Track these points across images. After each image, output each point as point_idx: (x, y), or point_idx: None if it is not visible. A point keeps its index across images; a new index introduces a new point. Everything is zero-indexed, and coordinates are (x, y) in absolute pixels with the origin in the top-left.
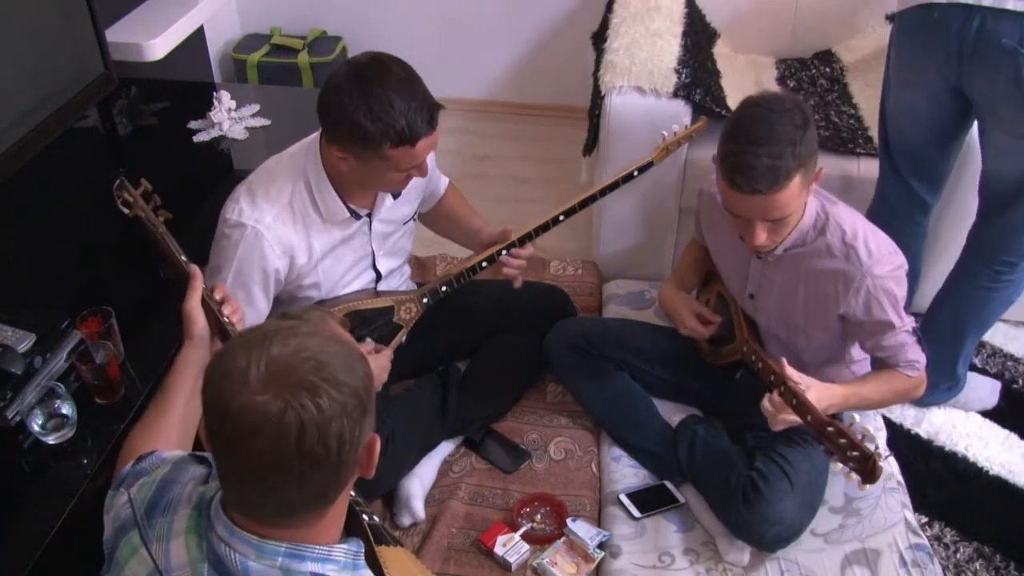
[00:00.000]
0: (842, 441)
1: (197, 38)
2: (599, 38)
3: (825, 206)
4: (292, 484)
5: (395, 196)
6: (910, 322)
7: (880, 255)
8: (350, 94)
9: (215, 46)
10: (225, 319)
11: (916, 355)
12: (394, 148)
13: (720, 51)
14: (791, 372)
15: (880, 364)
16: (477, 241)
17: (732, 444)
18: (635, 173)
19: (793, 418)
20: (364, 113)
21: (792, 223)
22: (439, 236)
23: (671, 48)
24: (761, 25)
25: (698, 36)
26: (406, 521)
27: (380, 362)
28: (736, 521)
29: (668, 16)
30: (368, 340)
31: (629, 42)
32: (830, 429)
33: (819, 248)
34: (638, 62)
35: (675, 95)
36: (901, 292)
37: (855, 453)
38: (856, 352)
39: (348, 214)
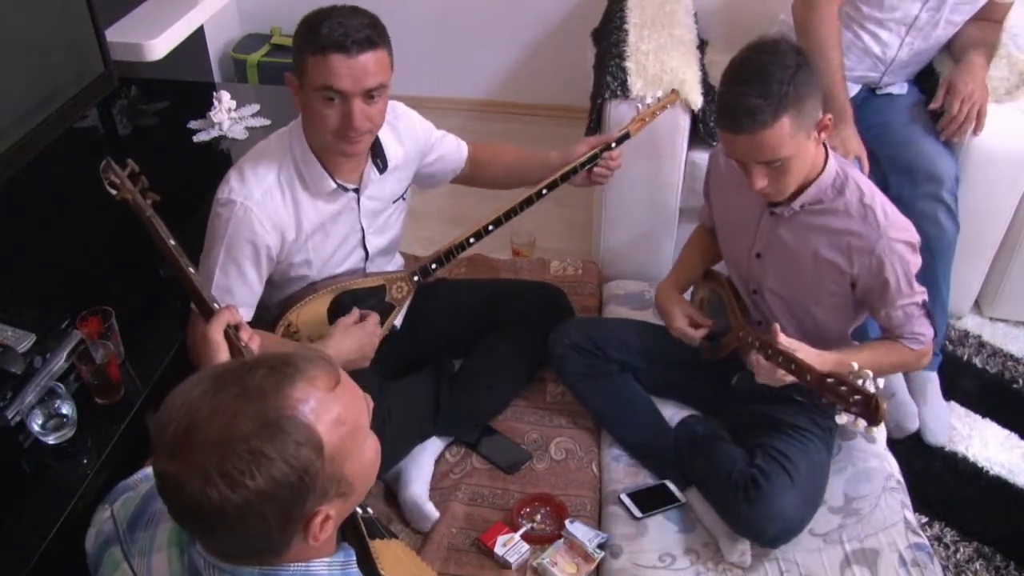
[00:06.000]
0: (843, 389)
1: (197, 38)
2: (600, 35)
3: (844, 167)
4: (211, 537)
5: (382, 169)
6: (921, 295)
7: (896, 220)
8: (301, 32)
9: (215, 46)
10: (242, 344)
11: (923, 328)
12: (312, 55)
13: (711, 59)
14: (783, 339)
15: (885, 334)
16: (568, 159)
17: (732, 443)
18: (613, 145)
19: (783, 375)
20: (302, 31)
21: (795, 170)
22: (436, 238)
23: (695, 57)
24: (754, 31)
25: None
26: (426, 526)
27: (368, 329)
28: (738, 519)
29: (686, 26)
30: (354, 310)
31: (656, 47)
32: (829, 380)
33: (837, 207)
34: (669, 70)
35: None
36: (915, 261)
37: (857, 397)
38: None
39: (335, 185)
